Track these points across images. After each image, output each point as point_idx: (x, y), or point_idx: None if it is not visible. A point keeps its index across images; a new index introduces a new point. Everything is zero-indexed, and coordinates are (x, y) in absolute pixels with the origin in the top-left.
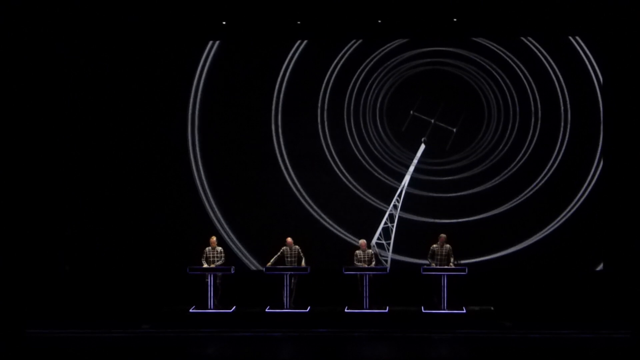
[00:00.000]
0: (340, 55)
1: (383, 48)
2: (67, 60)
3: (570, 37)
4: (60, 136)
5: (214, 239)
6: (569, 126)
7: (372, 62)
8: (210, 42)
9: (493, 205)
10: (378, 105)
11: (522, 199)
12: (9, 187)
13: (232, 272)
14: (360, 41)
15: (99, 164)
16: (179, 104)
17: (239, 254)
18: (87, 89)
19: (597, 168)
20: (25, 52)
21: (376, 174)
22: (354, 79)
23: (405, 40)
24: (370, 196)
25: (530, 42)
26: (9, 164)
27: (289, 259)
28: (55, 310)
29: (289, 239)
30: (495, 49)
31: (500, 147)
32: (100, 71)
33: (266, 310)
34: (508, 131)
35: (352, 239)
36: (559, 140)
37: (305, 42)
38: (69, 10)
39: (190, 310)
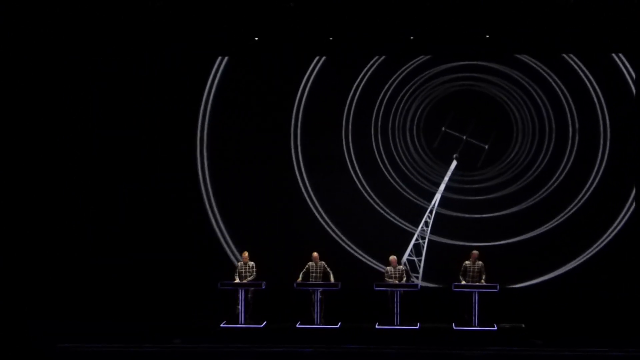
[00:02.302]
0: (367, 71)
1: (413, 64)
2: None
3: (613, 55)
4: (91, 143)
5: (246, 254)
6: (608, 144)
7: (401, 79)
8: (220, 58)
9: (527, 227)
10: (409, 122)
11: (556, 223)
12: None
13: (263, 287)
14: (386, 57)
15: (129, 180)
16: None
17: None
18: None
19: (637, 189)
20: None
21: (408, 190)
22: (381, 96)
23: (435, 56)
24: (400, 214)
25: (568, 58)
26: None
27: (313, 275)
28: (86, 324)
29: (315, 254)
30: (529, 65)
31: (535, 166)
32: (113, 76)
33: (297, 325)
34: (543, 149)
35: (379, 266)
36: (598, 159)
37: (326, 58)
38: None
39: (221, 325)
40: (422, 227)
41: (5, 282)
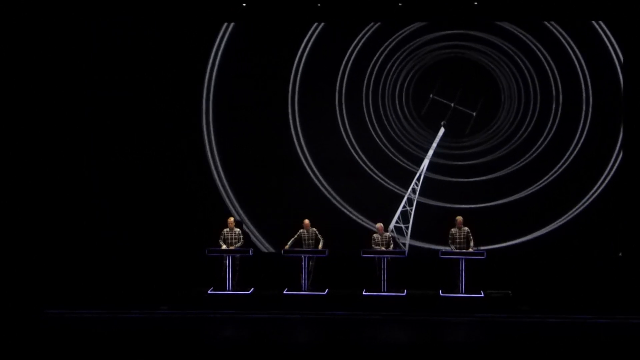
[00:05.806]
0: (358, 38)
1: (403, 31)
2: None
3: (593, 22)
4: (81, 129)
5: (231, 219)
6: (590, 112)
7: (391, 46)
8: (225, 24)
9: (513, 190)
10: (398, 89)
11: (541, 185)
12: (33, 176)
13: (251, 254)
14: (379, 24)
15: (119, 152)
16: (192, 91)
17: (253, 237)
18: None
19: (617, 155)
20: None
21: (395, 158)
22: (372, 63)
23: (425, 23)
24: (388, 180)
25: (552, 26)
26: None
27: (306, 242)
28: (75, 292)
29: (306, 221)
30: (515, 33)
31: (521, 132)
32: (113, 58)
33: (284, 292)
34: (528, 116)
35: (370, 224)
36: (580, 126)
37: (322, 24)
38: None
39: (209, 292)
40: (409, 194)
41: None
